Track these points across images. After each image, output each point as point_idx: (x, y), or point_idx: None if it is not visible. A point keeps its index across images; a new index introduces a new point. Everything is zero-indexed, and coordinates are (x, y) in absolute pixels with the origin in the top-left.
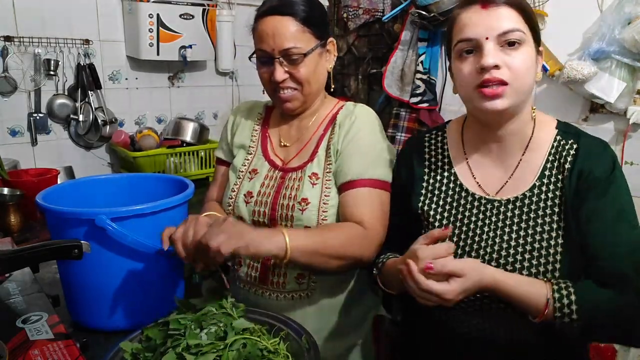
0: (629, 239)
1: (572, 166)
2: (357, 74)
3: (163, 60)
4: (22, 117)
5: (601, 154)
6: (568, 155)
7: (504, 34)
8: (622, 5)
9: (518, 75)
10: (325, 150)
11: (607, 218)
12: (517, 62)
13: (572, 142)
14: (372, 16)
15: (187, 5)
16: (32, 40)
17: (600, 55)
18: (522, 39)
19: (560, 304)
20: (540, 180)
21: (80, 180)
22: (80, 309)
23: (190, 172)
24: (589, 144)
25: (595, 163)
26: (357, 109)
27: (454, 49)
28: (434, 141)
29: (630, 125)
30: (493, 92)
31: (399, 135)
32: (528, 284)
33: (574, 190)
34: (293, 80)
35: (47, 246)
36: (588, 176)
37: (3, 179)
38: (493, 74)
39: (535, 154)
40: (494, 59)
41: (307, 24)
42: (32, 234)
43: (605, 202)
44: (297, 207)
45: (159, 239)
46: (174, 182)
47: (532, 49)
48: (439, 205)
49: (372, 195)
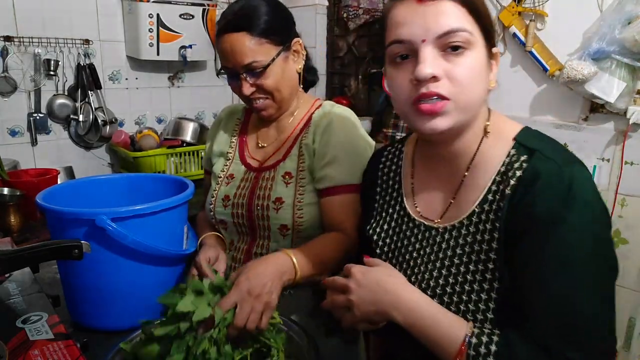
0: (564, 300)
1: (513, 192)
2: (357, 74)
3: (163, 60)
4: (22, 117)
5: (552, 180)
6: (513, 177)
7: (445, 35)
8: (622, 5)
9: (462, 88)
10: (298, 149)
11: (543, 269)
12: (461, 71)
13: (523, 160)
14: (372, 16)
15: (187, 5)
16: (32, 40)
17: (600, 55)
18: (469, 41)
19: (475, 352)
20: (481, 206)
21: (80, 180)
22: (80, 309)
23: (190, 172)
24: (540, 164)
25: (540, 193)
26: (334, 109)
27: (386, 52)
28: (391, 156)
29: (630, 125)
30: (431, 109)
31: (399, 135)
32: (447, 318)
33: (509, 223)
34: (262, 91)
35: (47, 246)
36: (527, 209)
37: (3, 179)
38: (430, 87)
39: (480, 173)
40: (431, 68)
41: (265, 35)
42: (32, 234)
43: (544, 247)
44: (272, 206)
45: (159, 239)
46: (174, 182)
47: (482, 53)
48: (384, 229)
49: (354, 201)
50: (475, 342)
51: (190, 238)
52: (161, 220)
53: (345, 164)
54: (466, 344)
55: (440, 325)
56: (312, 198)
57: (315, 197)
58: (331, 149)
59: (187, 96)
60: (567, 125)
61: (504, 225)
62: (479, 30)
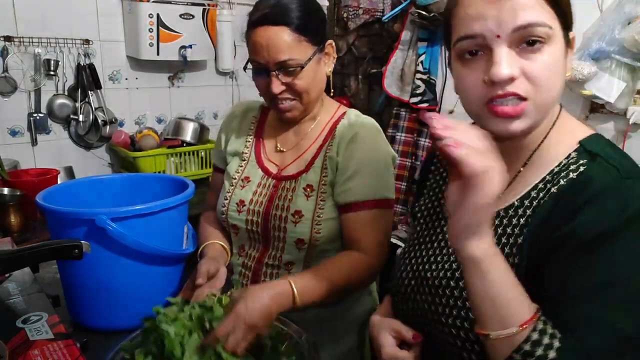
0: (609, 320)
1: (560, 194)
2: (357, 74)
3: (163, 60)
4: (22, 117)
5: (608, 190)
6: (565, 178)
7: (522, 29)
8: (622, 5)
9: (541, 87)
10: (322, 161)
11: (587, 283)
12: (540, 69)
13: (581, 163)
14: (372, 16)
15: (187, 5)
16: (32, 40)
17: (600, 55)
18: (547, 35)
19: (539, 338)
20: (521, 201)
21: (80, 180)
22: (80, 309)
23: (190, 172)
24: (599, 170)
25: (592, 201)
26: (359, 120)
27: (454, 47)
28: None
29: (630, 125)
30: (509, 113)
31: (399, 135)
32: (518, 286)
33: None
34: (291, 91)
35: (47, 246)
36: (574, 215)
37: (3, 179)
38: (507, 89)
39: (535, 170)
40: (508, 68)
41: (303, 32)
42: (32, 234)
43: (591, 260)
44: (290, 219)
45: (159, 239)
46: (174, 182)
47: (561, 44)
48: (427, 207)
49: (376, 217)
50: (541, 327)
51: (190, 238)
52: (161, 220)
53: (367, 178)
54: (538, 315)
55: (518, 287)
56: (332, 213)
57: (335, 211)
58: (354, 163)
59: (187, 96)
60: None
61: (537, 224)
62: (557, 19)
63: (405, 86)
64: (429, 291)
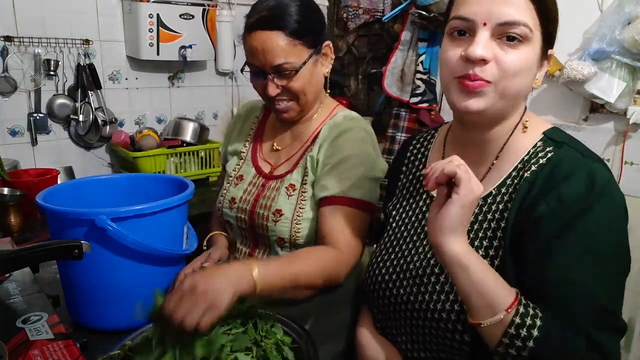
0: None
1: (534, 177)
2: (357, 74)
3: (163, 60)
4: (22, 117)
5: (576, 170)
6: (535, 164)
7: (505, 24)
8: (622, 5)
9: (507, 74)
10: (305, 161)
11: (566, 255)
12: (510, 60)
13: (548, 150)
14: (372, 16)
15: (187, 5)
16: (32, 40)
17: (600, 55)
18: (526, 36)
19: (521, 321)
20: (498, 189)
21: (80, 180)
22: (80, 309)
23: (190, 172)
24: (566, 154)
25: (564, 180)
26: (345, 121)
27: (448, 23)
28: (422, 140)
29: (630, 125)
30: (470, 85)
31: (399, 135)
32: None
33: (524, 206)
34: (287, 93)
35: (47, 246)
36: (549, 194)
37: (3, 179)
38: (476, 72)
39: (507, 161)
40: (482, 50)
41: (299, 35)
42: (32, 234)
43: (568, 233)
44: (271, 217)
45: (159, 239)
46: (174, 182)
47: (536, 51)
48: (402, 205)
49: (352, 216)
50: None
51: (190, 238)
52: (161, 220)
53: (343, 176)
54: (519, 298)
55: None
56: (313, 213)
57: (316, 211)
58: (333, 160)
59: (187, 96)
60: (567, 125)
61: (517, 206)
62: (540, 28)
63: (405, 86)
64: (413, 282)
